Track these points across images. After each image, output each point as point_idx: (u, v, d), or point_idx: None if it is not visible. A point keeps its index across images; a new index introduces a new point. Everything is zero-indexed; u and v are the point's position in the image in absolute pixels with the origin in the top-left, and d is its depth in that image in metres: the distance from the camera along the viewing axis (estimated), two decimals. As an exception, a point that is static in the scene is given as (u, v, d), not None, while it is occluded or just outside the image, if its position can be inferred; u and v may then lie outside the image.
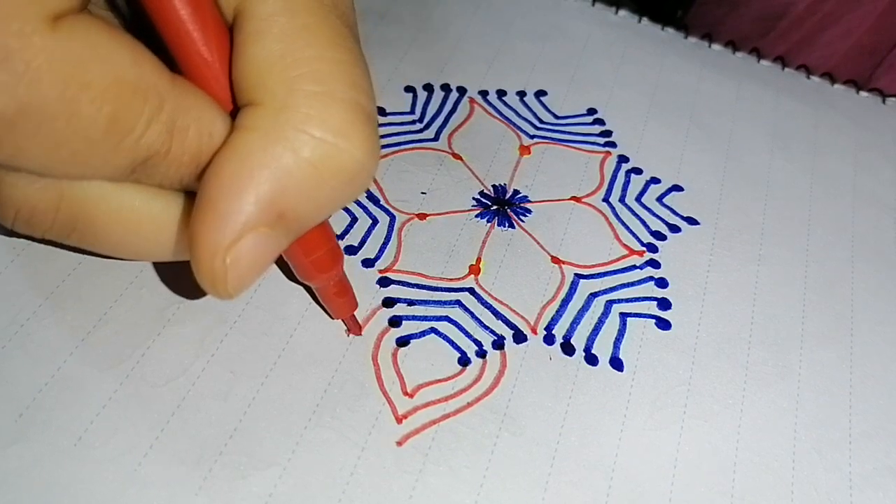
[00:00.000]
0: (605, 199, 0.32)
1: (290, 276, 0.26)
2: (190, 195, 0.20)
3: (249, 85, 0.18)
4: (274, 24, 0.18)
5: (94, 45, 0.16)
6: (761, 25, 0.50)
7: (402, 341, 0.26)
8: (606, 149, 0.34)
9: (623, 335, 0.27)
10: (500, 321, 0.27)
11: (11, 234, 0.26)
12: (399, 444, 0.23)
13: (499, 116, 0.35)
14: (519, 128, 0.34)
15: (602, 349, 0.27)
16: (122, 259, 0.24)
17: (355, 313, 0.26)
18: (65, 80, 0.16)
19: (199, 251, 0.18)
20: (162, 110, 0.17)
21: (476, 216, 0.30)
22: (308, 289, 0.26)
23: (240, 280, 0.19)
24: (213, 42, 0.18)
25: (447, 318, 0.27)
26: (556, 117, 0.35)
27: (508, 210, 0.31)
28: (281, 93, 0.18)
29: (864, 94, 0.40)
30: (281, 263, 0.27)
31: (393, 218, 0.30)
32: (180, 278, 0.26)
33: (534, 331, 0.27)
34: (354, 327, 0.26)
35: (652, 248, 0.30)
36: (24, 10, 0.16)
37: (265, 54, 0.18)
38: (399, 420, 0.24)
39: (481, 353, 0.26)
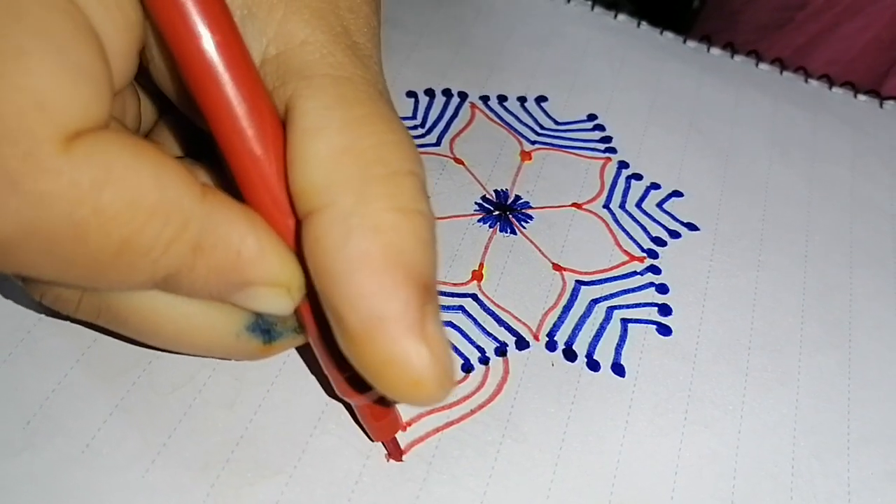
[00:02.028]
0: (606, 206, 0.32)
1: (331, 393, 0.25)
2: None
3: (315, 185, 0.17)
4: (332, 118, 0.18)
5: (111, 166, 0.16)
6: (780, 15, 0.50)
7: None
8: (607, 155, 0.34)
9: (624, 341, 0.28)
10: (502, 328, 0.27)
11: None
12: (403, 451, 0.24)
13: (500, 122, 0.35)
14: (520, 133, 0.34)
15: (604, 355, 0.27)
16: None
17: (398, 436, 0.24)
18: (74, 205, 0.16)
19: (411, 368, 0.17)
20: (186, 230, 0.17)
21: (478, 221, 0.31)
22: (349, 406, 0.25)
23: (449, 364, 0.18)
24: (270, 144, 0.18)
25: (450, 324, 0.27)
26: (557, 123, 0.35)
27: (510, 215, 0.31)
28: (355, 183, 0.17)
29: (861, 97, 0.41)
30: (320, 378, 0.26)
31: (395, 224, 0.30)
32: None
33: (536, 337, 0.27)
34: (395, 452, 0.24)
35: (652, 254, 0.31)
36: (37, 129, 0.15)
37: (328, 150, 0.17)
38: (403, 427, 0.24)
39: (484, 360, 0.26)
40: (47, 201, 0.15)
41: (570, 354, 0.27)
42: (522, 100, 0.36)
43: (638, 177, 0.34)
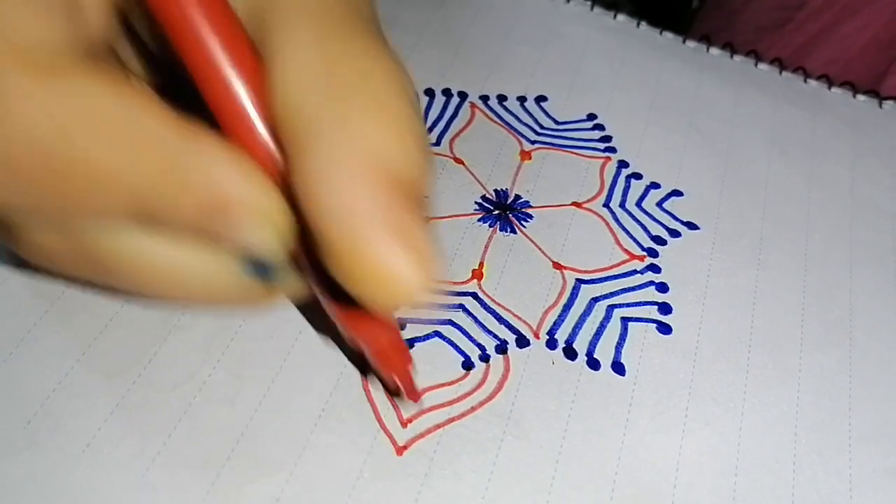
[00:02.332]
0: (606, 205, 0.32)
1: (347, 353, 0.25)
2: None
3: (297, 106, 0.17)
4: (310, 42, 0.18)
5: (89, 99, 0.16)
6: (779, 15, 0.50)
7: (407, 344, 0.26)
8: (606, 154, 0.34)
9: (624, 339, 0.28)
10: (502, 326, 0.27)
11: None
12: (404, 447, 0.24)
13: (500, 122, 0.35)
14: (520, 133, 0.34)
15: (604, 354, 0.27)
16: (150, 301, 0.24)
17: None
18: (49, 135, 0.16)
19: (383, 260, 0.16)
20: (168, 166, 0.17)
21: (478, 220, 0.31)
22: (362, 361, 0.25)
23: (430, 256, 0.17)
24: (250, 82, 0.18)
25: (451, 322, 0.27)
26: (557, 123, 0.35)
27: (510, 215, 0.31)
28: (339, 99, 0.17)
29: (861, 98, 0.41)
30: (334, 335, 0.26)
31: (396, 223, 0.30)
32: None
33: (536, 335, 0.27)
34: (412, 392, 0.24)
35: (652, 253, 0.31)
36: (8, 60, 0.15)
37: (310, 71, 0.17)
38: (404, 424, 0.24)
39: (485, 358, 0.26)
40: (32, 127, 0.16)
41: (570, 353, 0.27)
42: (522, 99, 0.36)
43: (638, 176, 0.34)
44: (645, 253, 0.31)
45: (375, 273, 0.17)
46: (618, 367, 0.27)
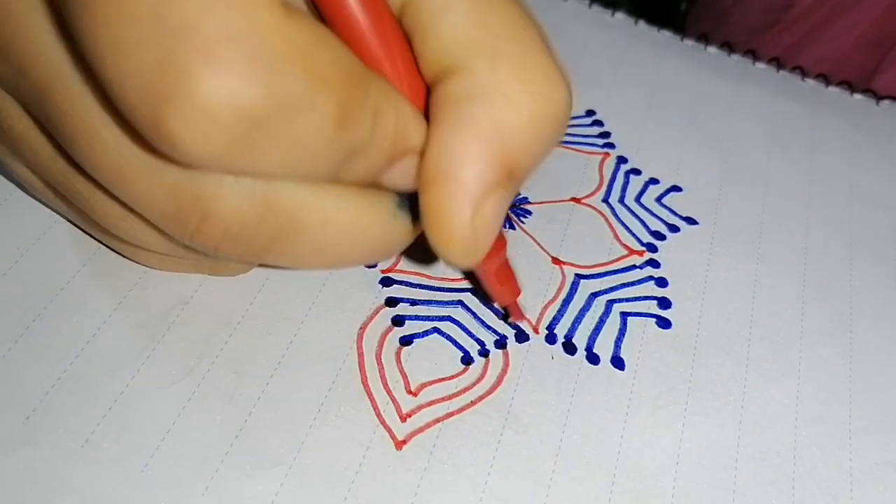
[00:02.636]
0: (605, 200, 0.32)
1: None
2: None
3: (449, 56, 0.18)
4: None
5: (319, 33, 0.16)
6: (769, 16, 0.50)
7: (406, 340, 0.26)
8: (605, 150, 0.34)
9: (624, 334, 0.28)
10: (502, 321, 0.27)
11: (13, 234, 0.26)
12: (404, 442, 0.24)
13: (498, 118, 0.35)
14: (518, 129, 0.34)
15: (603, 348, 0.27)
16: (304, 269, 0.24)
17: (519, 301, 0.26)
18: (307, 69, 0.16)
19: (447, 224, 0.18)
20: (369, 97, 0.17)
21: (477, 217, 0.31)
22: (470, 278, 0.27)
23: (485, 244, 0.19)
24: (389, 29, 0.18)
25: (450, 318, 0.27)
26: (555, 119, 0.35)
27: (509, 211, 0.31)
28: (488, 53, 0.18)
29: (858, 96, 0.41)
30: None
31: (394, 219, 0.30)
32: (185, 277, 0.26)
33: (536, 330, 0.27)
34: (517, 313, 0.26)
35: (651, 248, 0.31)
36: (270, 1, 0.15)
37: (461, 22, 0.18)
38: (403, 418, 0.24)
39: (484, 353, 0.26)
40: (289, 64, 0.15)
41: (569, 347, 0.27)
42: (520, 97, 0.36)
43: (637, 172, 0.34)
44: (644, 248, 0.31)
45: (441, 225, 0.19)
46: (617, 362, 0.27)
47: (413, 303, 0.27)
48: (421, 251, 0.23)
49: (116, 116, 0.18)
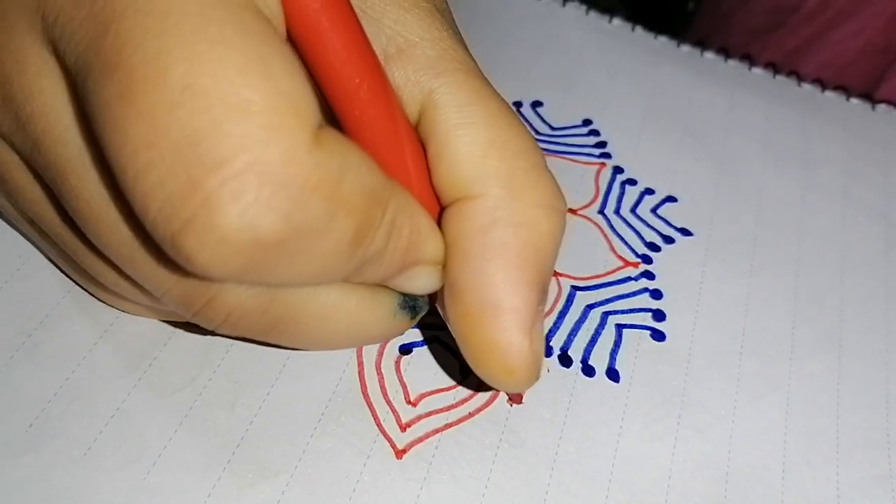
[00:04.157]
0: (601, 211, 0.33)
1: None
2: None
3: (465, 177, 0.19)
4: (475, 113, 0.19)
5: (346, 157, 0.17)
6: (773, 19, 0.50)
7: (405, 349, 0.26)
8: (601, 160, 0.35)
9: (619, 346, 0.28)
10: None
11: (17, 240, 0.26)
12: (404, 451, 0.24)
13: (496, 126, 0.35)
14: (516, 138, 0.35)
15: (599, 360, 0.27)
16: (306, 350, 0.25)
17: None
18: (328, 197, 0.16)
19: (508, 358, 0.19)
20: (387, 213, 0.18)
21: (474, 226, 0.31)
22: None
23: (542, 361, 0.20)
24: (407, 142, 0.19)
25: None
26: (552, 128, 0.36)
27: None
28: (504, 177, 0.19)
29: (854, 101, 0.41)
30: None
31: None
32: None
33: (532, 341, 0.27)
34: (516, 397, 0.25)
35: (647, 260, 0.31)
36: (298, 130, 0.16)
37: (476, 144, 0.19)
38: (403, 428, 0.24)
39: (481, 364, 0.27)
40: (312, 196, 0.16)
41: (565, 360, 0.27)
42: (518, 105, 0.36)
43: (632, 182, 0.34)
44: (639, 260, 0.31)
45: (500, 359, 0.19)
46: (612, 374, 0.27)
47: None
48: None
49: (133, 219, 0.18)
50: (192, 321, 0.21)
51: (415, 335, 0.27)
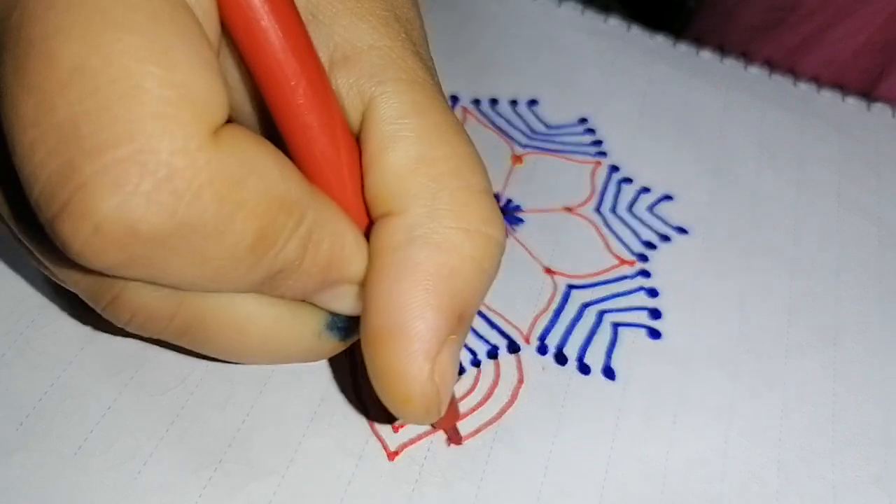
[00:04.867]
0: (597, 209, 0.32)
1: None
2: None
3: (390, 191, 0.18)
4: (408, 126, 0.18)
5: (250, 158, 0.16)
6: (773, 16, 0.50)
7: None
8: (597, 158, 0.35)
9: (615, 345, 0.28)
10: (493, 331, 0.27)
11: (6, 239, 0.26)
12: (396, 453, 0.24)
13: (491, 125, 0.35)
14: (511, 137, 0.35)
15: (594, 359, 0.27)
16: (227, 362, 0.24)
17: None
18: (222, 197, 0.15)
19: (404, 383, 0.18)
20: (302, 224, 0.17)
21: (469, 225, 0.31)
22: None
23: (447, 396, 0.19)
24: (342, 149, 0.18)
25: (442, 327, 0.27)
26: (548, 127, 0.36)
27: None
28: (427, 195, 0.18)
29: (850, 100, 0.41)
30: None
31: (388, 226, 0.30)
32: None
33: (527, 340, 0.27)
34: (455, 437, 0.24)
35: (643, 258, 0.31)
36: (191, 123, 0.15)
37: (404, 158, 0.18)
38: (395, 429, 0.24)
39: (476, 363, 0.26)
40: (201, 194, 0.15)
41: (560, 358, 0.27)
42: (514, 103, 0.36)
43: (628, 180, 0.34)
44: (635, 258, 0.31)
45: (396, 385, 0.18)
46: (608, 373, 0.27)
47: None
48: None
49: None
50: (104, 317, 0.20)
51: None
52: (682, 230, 0.32)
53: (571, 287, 0.29)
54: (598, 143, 0.35)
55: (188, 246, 0.16)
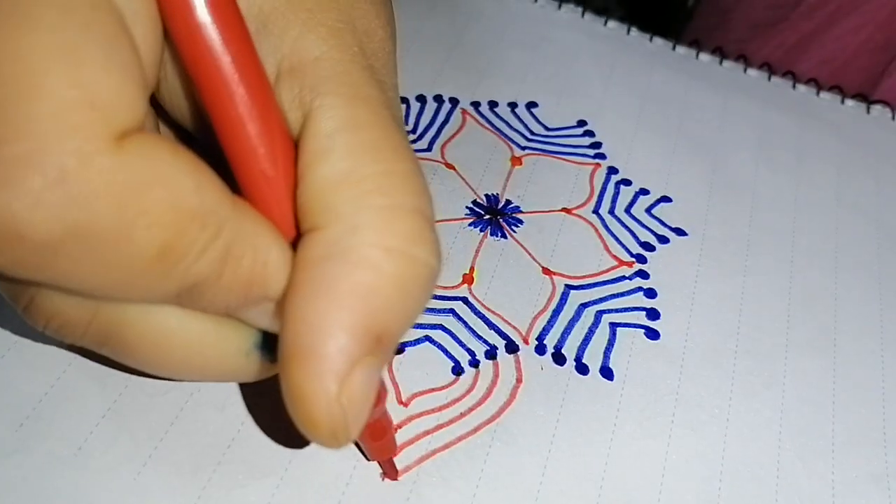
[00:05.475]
0: (595, 211, 0.33)
1: None
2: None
3: (316, 207, 0.17)
4: (338, 142, 0.17)
5: (157, 168, 0.15)
6: (773, 14, 0.50)
7: (397, 350, 0.26)
8: (596, 160, 0.35)
9: (613, 345, 0.28)
10: (492, 331, 0.27)
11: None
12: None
13: (490, 128, 0.35)
14: (510, 139, 0.35)
15: (592, 359, 0.27)
16: (150, 375, 0.24)
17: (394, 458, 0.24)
18: (121, 206, 0.15)
19: (310, 404, 0.17)
20: (219, 237, 0.16)
21: (469, 225, 0.31)
22: None
23: (358, 421, 0.18)
24: (280, 161, 0.17)
25: (441, 327, 0.27)
26: (547, 129, 0.36)
27: (501, 220, 0.31)
28: (349, 212, 0.17)
29: (849, 103, 0.41)
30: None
31: (387, 228, 0.30)
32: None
33: (525, 341, 0.27)
34: (391, 471, 0.23)
35: (641, 259, 0.31)
36: (90, 126, 0.14)
37: (331, 174, 0.17)
38: (394, 430, 0.24)
39: (474, 363, 0.26)
40: (96, 200, 0.15)
41: (559, 358, 0.27)
42: (513, 105, 0.36)
43: (627, 182, 0.34)
44: (633, 259, 0.31)
45: (302, 405, 0.17)
46: (606, 373, 0.27)
47: (404, 312, 0.27)
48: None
49: None
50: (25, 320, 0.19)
51: (408, 335, 0.27)
52: (680, 232, 0.32)
53: (570, 288, 0.29)
54: (597, 145, 0.35)
55: (85, 252, 0.15)
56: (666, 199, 0.34)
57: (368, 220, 0.17)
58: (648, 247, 0.32)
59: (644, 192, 0.34)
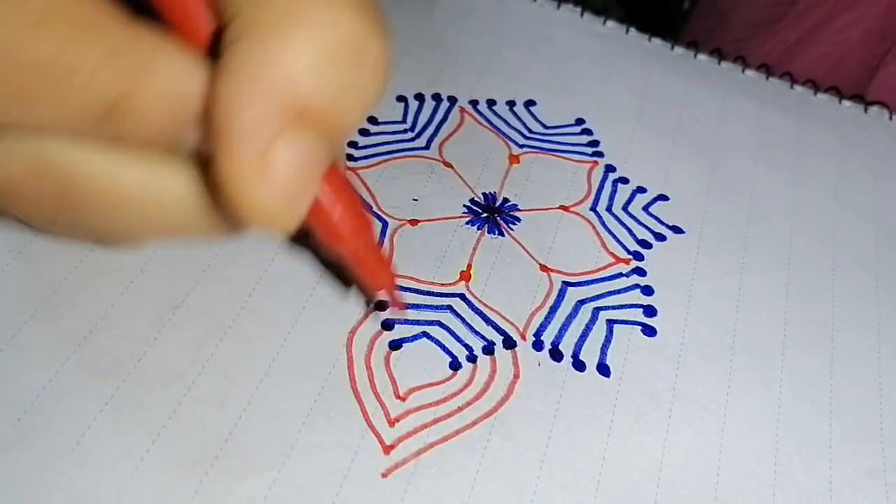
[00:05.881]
0: (593, 208, 0.33)
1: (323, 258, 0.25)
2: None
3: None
4: None
5: None
6: (773, 11, 0.50)
7: (395, 345, 0.26)
8: (594, 158, 0.35)
9: (610, 342, 0.28)
10: (490, 327, 0.28)
11: (5, 237, 0.26)
12: (391, 447, 0.24)
13: (489, 126, 0.35)
14: (508, 137, 0.35)
15: (589, 355, 0.27)
16: (117, 242, 0.23)
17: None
18: (29, 27, 0.15)
19: (232, 178, 0.16)
20: (114, 55, 0.16)
21: (467, 223, 0.31)
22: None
23: (288, 198, 0.17)
24: None
25: (439, 323, 0.27)
26: (545, 127, 0.36)
27: (498, 218, 0.31)
28: None
29: (846, 103, 0.41)
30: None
31: (385, 224, 0.30)
32: (176, 281, 0.26)
33: (523, 337, 0.27)
34: (395, 301, 0.24)
35: (638, 257, 0.31)
36: None
37: None
38: (391, 423, 0.24)
39: (472, 358, 0.27)
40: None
41: (556, 354, 0.27)
42: (511, 104, 0.36)
43: (624, 180, 0.34)
44: (631, 256, 0.31)
45: (235, 196, 0.17)
46: (603, 369, 0.27)
47: (402, 308, 0.27)
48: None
49: None
50: None
51: (404, 331, 0.27)
52: (677, 229, 0.33)
53: (567, 284, 0.29)
54: (595, 143, 0.36)
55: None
56: (663, 197, 0.34)
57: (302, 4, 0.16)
58: (646, 244, 0.32)
59: (641, 190, 0.34)
